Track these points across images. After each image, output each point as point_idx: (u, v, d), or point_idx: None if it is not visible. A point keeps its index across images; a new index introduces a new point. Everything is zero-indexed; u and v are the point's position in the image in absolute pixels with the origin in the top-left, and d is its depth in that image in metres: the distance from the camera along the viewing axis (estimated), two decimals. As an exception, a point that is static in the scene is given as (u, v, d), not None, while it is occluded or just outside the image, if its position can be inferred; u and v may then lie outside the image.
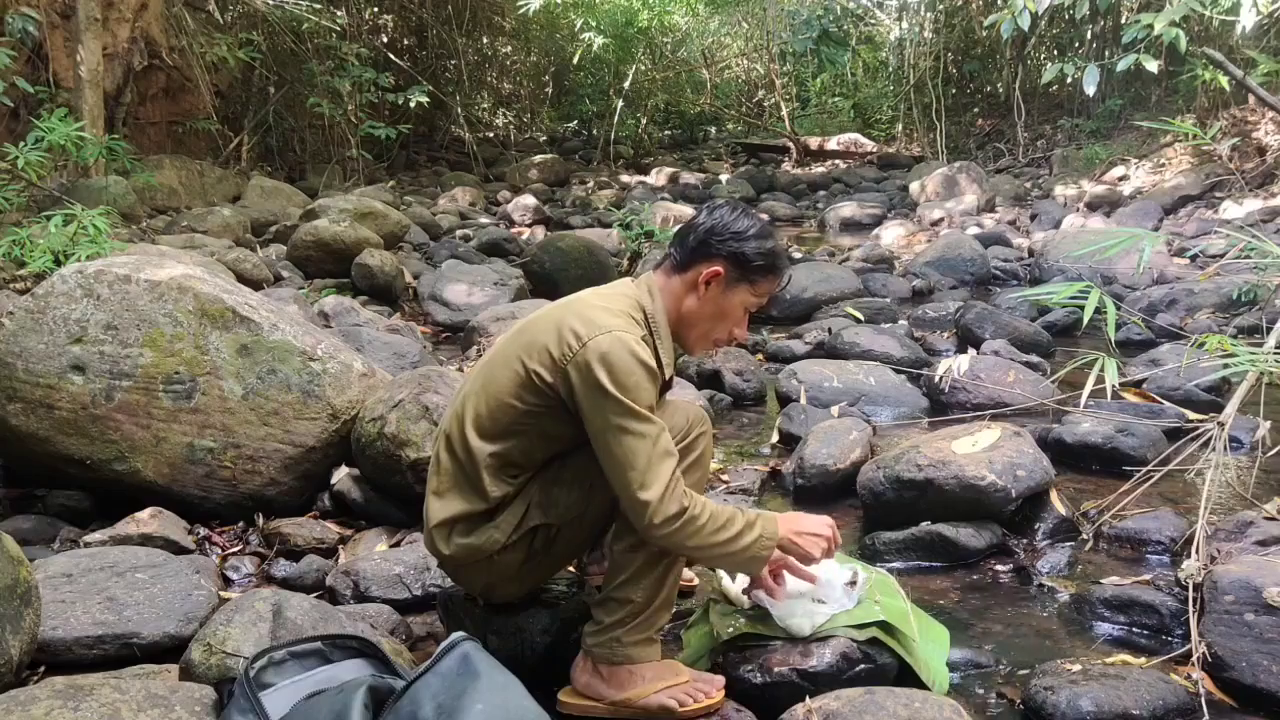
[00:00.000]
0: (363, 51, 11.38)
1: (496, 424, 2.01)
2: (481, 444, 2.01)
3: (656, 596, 2.03)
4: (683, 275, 2.08)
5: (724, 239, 2.04)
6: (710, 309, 2.08)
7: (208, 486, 2.99)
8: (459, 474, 2.05)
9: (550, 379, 1.94)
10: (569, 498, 2.03)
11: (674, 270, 2.10)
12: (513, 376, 1.99)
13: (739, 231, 2.05)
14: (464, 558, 2.06)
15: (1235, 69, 7.33)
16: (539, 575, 2.18)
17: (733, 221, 2.06)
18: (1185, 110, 10.02)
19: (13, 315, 3.04)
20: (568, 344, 1.91)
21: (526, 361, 1.97)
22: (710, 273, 2.05)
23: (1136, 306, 5.41)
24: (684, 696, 2.00)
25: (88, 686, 1.71)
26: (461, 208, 10.74)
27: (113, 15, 8.30)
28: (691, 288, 2.07)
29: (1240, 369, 2.79)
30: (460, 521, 2.05)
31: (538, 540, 2.06)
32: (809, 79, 17.99)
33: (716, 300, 2.07)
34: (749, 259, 2.04)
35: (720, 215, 2.08)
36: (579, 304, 2.03)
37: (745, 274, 2.06)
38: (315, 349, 3.14)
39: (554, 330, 1.96)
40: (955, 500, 2.80)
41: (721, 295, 2.07)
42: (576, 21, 14.79)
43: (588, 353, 1.88)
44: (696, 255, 2.06)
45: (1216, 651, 2.09)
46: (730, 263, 2.04)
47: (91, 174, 6.96)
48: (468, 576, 2.16)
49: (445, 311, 5.91)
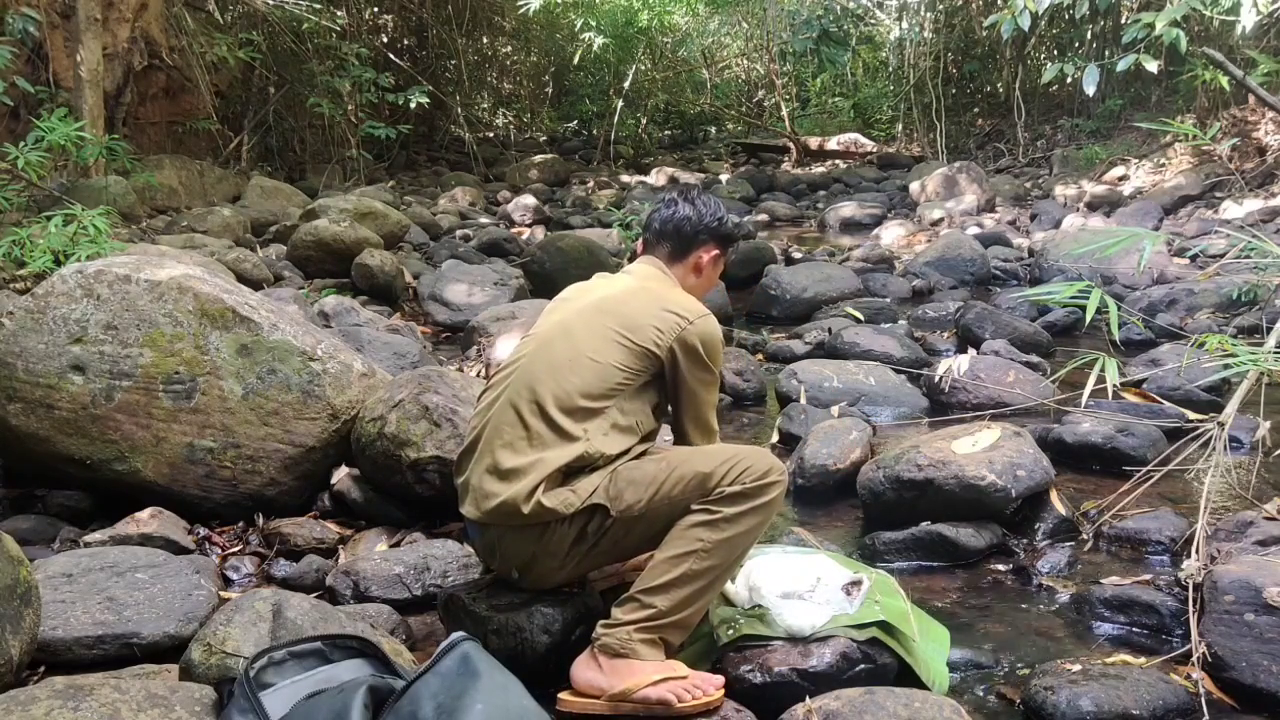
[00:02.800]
0: (363, 51, 11.36)
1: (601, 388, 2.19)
2: (586, 403, 2.18)
3: (680, 611, 2.06)
4: (684, 260, 2.44)
5: (711, 224, 2.44)
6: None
7: (208, 486, 2.99)
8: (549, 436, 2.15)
9: (659, 351, 2.22)
10: (633, 496, 2.11)
11: (673, 258, 2.44)
12: (618, 349, 2.22)
13: (717, 214, 2.46)
14: (535, 518, 2.11)
15: (1235, 69, 7.33)
16: (578, 565, 2.21)
17: (711, 208, 2.45)
18: (1185, 110, 10.02)
19: (13, 315, 3.03)
20: (676, 323, 2.23)
21: (632, 336, 2.22)
22: (712, 255, 2.45)
23: (1136, 306, 5.41)
24: (682, 692, 2.00)
25: (88, 686, 1.71)
26: (461, 208, 10.74)
27: (113, 15, 8.29)
28: (694, 270, 2.45)
29: (1240, 369, 2.79)
30: (547, 481, 2.11)
31: (593, 523, 2.12)
32: (809, 79, 17.98)
33: (710, 273, 2.48)
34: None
35: (701, 205, 2.45)
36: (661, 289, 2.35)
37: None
38: (315, 349, 3.14)
39: (656, 311, 2.26)
40: (955, 500, 2.80)
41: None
42: (576, 21, 14.77)
43: (695, 330, 2.24)
44: (695, 242, 2.43)
45: (1216, 651, 2.09)
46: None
47: (91, 174, 6.96)
48: (516, 545, 2.17)
49: (445, 311, 5.91)
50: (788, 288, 6.06)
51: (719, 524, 2.07)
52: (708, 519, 2.08)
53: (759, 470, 2.11)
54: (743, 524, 2.08)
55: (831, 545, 2.88)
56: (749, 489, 2.09)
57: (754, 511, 2.09)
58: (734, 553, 2.10)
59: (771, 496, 2.12)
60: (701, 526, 2.07)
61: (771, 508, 2.14)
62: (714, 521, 2.07)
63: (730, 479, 2.09)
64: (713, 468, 2.11)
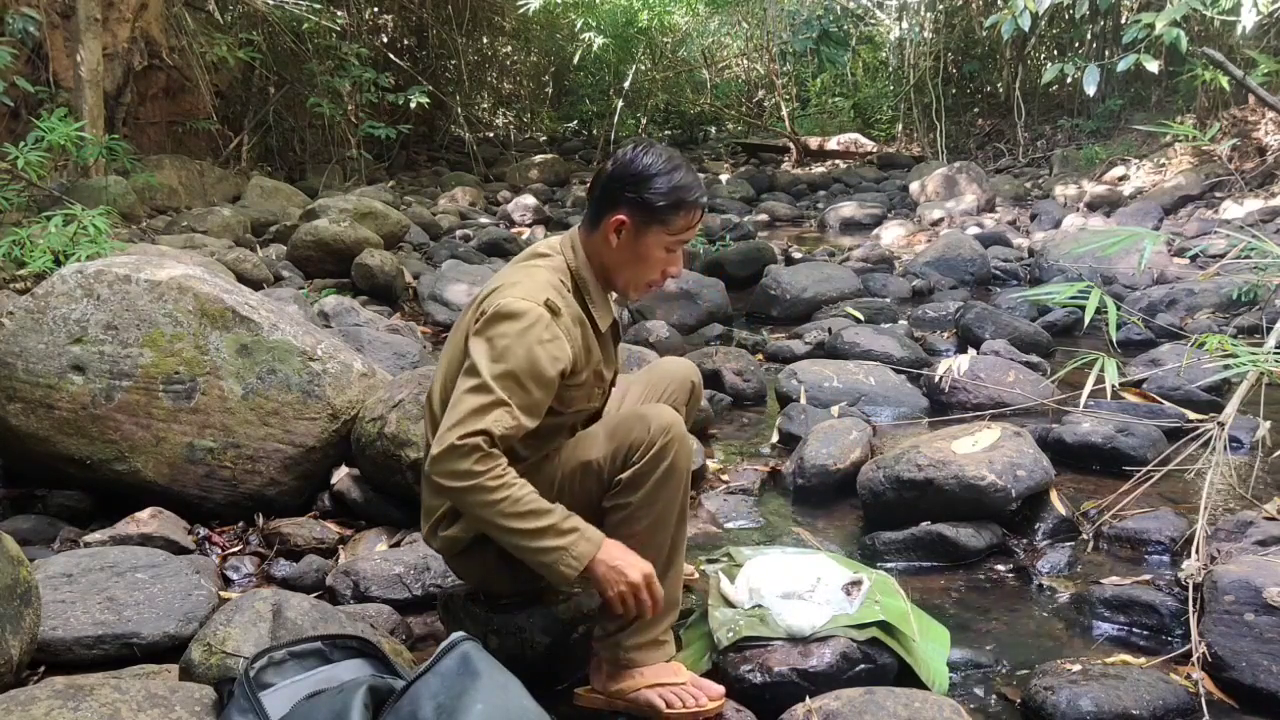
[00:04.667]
0: (363, 51, 11.35)
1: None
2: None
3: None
4: (595, 229, 2.05)
5: (624, 184, 1.99)
6: (627, 256, 2.04)
7: (208, 486, 2.99)
8: None
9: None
10: None
11: (588, 225, 2.08)
12: (455, 356, 2.05)
13: (639, 173, 1.98)
14: (447, 550, 2.11)
15: (1235, 69, 7.33)
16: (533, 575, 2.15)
17: (632, 162, 1.99)
18: (1185, 110, 10.02)
19: (13, 315, 3.04)
20: (481, 310, 1.96)
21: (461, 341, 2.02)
22: (616, 222, 2.01)
23: (1136, 306, 5.41)
24: (673, 697, 1.99)
25: (88, 686, 1.71)
26: (461, 208, 10.73)
27: (113, 15, 8.28)
28: (605, 240, 2.03)
29: (1240, 369, 2.79)
30: (446, 514, 2.07)
31: None
32: (809, 79, 17.96)
33: (631, 247, 2.03)
34: (651, 202, 1.98)
35: (622, 158, 2.02)
36: (501, 275, 2.06)
37: (653, 216, 2.00)
38: (315, 349, 3.14)
39: (476, 304, 2.02)
40: (955, 500, 2.80)
41: (635, 242, 2.02)
42: (576, 21, 14.75)
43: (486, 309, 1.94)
44: (603, 206, 2.03)
45: (1216, 651, 2.09)
46: (634, 208, 1.99)
47: (91, 174, 6.95)
48: (463, 570, 2.19)
49: (445, 311, 5.90)
50: (788, 288, 6.05)
51: (636, 513, 1.97)
52: (624, 514, 1.98)
53: (641, 442, 1.94)
54: (659, 497, 1.96)
55: (831, 545, 2.88)
56: (643, 468, 1.94)
57: (661, 481, 1.95)
58: (669, 521, 2.00)
59: (670, 459, 1.94)
60: (623, 524, 1.99)
61: (677, 466, 1.96)
62: (631, 514, 1.98)
63: (619, 461, 1.95)
64: (596, 455, 1.97)
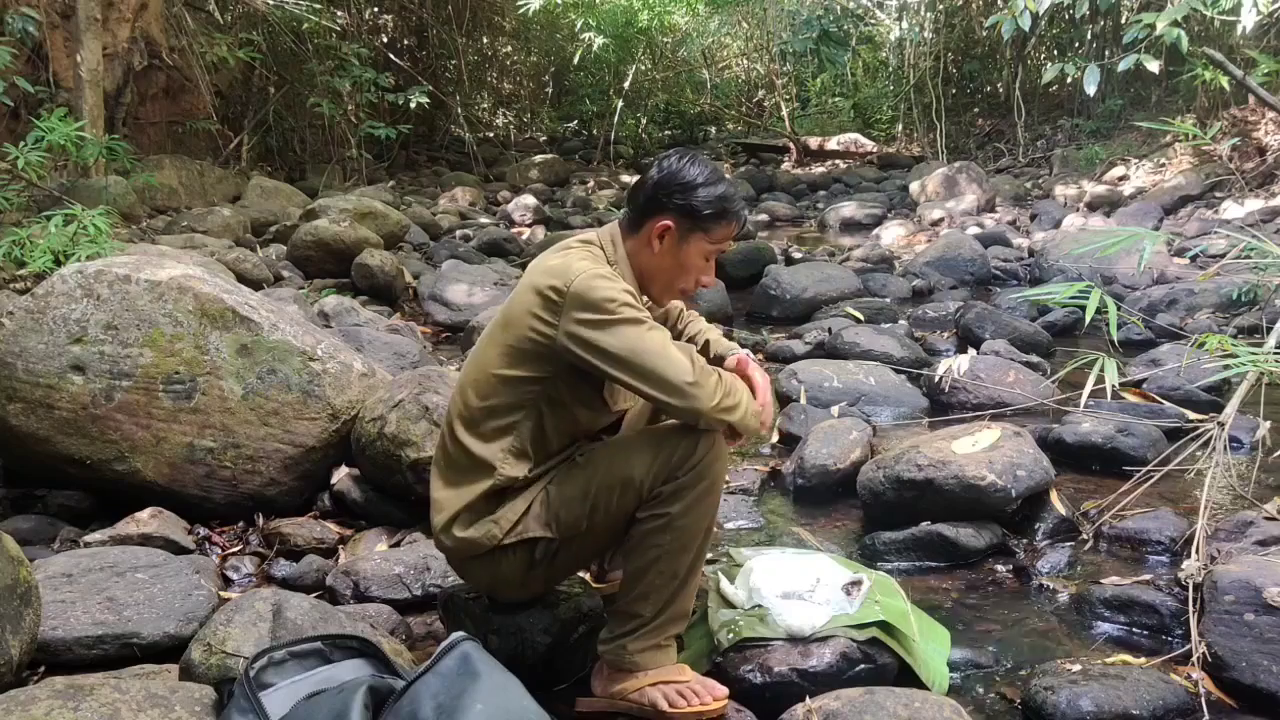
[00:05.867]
0: (363, 51, 11.35)
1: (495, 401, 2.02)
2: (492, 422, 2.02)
3: (666, 610, 2.04)
4: (637, 232, 2.08)
5: (671, 191, 2.04)
6: (668, 262, 2.08)
7: (208, 486, 2.99)
8: (462, 462, 2.06)
9: (549, 337, 1.95)
10: (570, 515, 2.02)
11: (629, 227, 2.10)
12: (501, 350, 2.01)
13: (686, 182, 2.03)
14: (464, 552, 2.07)
15: (1235, 69, 7.33)
16: (543, 584, 2.17)
17: (680, 172, 2.04)
18: (1185, 110, 10.01)
19: (13, 315, 3.03)
20: (553, 300, 1.94)
21: (515, 331, 1.99)
22: (661, 227, 2.05)
23: (1136, 306, 5.41)
24: (676, 696, 1.99)
25: (88, 686, 1.71)
26: (461, 208, 10.74)
27: (113, 15, 8.28)
28: (646, 244, 2.07)
29: (1240, 369, 2.79)
30: (464, 513, 2.05)
31: (539, 551, 2.06)
32: (809, 79, 17.96)
33: (673, 253, 2.07)
34: (698, 209, 2.04)
35: (668, 166, 2.06)
36: (543, 263, 2.05)
37: (697, 224, 2.05)
38: (315, 349, 3.14)
39: (530, 293, 1.98)
40: (955, 500, 2.80)
41: (677, 248, 2.07)
42: (576, 21, 14.76)
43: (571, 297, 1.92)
44: (648, 210, 2.07)
45: (1216, 651, 2.09)
46: (680, 215, 2.04)
47: (91, 174, 6.95)
48: (472, 573, 2.17)
49: (445, 311, 5.91)
50: (788, 288, 6.05)
51: (670, 525, 1.98)
52: (658, 524, 1.98)
53: (688, 458, 1.96)
54: (695, 512, 1.98)
55: (831, 545, 2.88)
56: (685, 481, 1.96)
57: (700, 498, 1.98)
58: (699, 536, 2.01)
59: (712, 477, 1.98)
60: (655, 533, 1.99)
61: (716, 485, 2.01)
62: (665, 525, 1.98)
63: (663, 477, 1.97)
64: (639, 471, 1.97)
